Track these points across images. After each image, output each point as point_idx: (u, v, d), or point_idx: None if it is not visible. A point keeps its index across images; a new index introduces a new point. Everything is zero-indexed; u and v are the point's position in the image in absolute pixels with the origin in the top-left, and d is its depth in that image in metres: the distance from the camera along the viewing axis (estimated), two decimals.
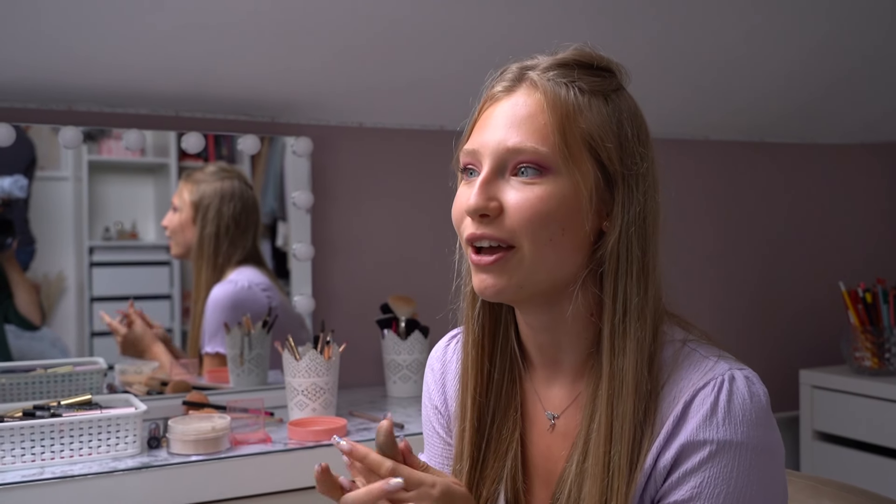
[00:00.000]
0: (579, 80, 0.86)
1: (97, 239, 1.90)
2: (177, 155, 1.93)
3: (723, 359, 0.86)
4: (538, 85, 0.86)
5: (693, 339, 0.88)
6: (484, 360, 0.95)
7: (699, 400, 0.82)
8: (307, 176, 1.99)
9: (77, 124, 1.79)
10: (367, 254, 2.13)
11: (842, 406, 2.33)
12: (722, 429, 0.80)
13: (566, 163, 0.84)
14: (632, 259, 0.85)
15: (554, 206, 0.83)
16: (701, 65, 2.09)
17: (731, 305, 2.48)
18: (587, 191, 0.84)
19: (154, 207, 1.97)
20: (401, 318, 2.00)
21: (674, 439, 0.82)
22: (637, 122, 0.88)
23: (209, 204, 1.93)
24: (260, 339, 1.92)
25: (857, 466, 2.28)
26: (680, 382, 0.84)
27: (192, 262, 1.95)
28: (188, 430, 1.46)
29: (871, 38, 2.10)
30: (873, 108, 2.51)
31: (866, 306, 2.34)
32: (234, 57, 1.76)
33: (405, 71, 1.92)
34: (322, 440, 1.56)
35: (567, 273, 0.86)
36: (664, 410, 0.84)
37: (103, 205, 1.91)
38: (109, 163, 1.91)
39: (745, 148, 2.60)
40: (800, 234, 2.69)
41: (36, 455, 1.39)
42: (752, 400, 0.82)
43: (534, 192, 0.83)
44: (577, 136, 0.84)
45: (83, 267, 1.88)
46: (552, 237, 0.84)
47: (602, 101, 0.86)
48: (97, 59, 1.69)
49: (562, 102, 0.85)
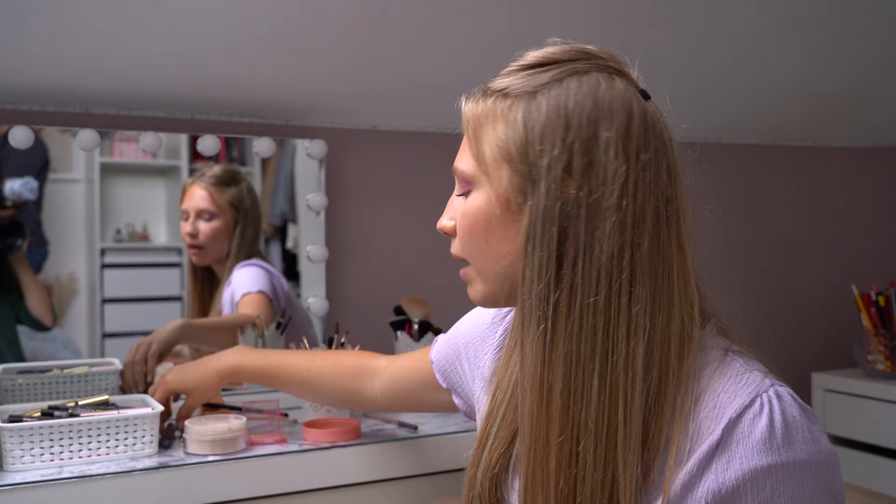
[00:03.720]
0: (511, 85, 0.87)
1: (109, 241, 1.91)
2: (188, 157, 1.94)
3: (763, 372, 0.83)
4: (472, 103, 0.91)
5: (735, 347, 0.86)
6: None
7: (748, 419, 0.79)
8: (321, 178, 2.00)
9: (94, 127, 1.80)
10: (380, 256, 2.14)
11: (855, 409, 2.33)
12: (784, 451, 0.77)
13: (483, 175, 0.88)
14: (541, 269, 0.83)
15: (472, 220, 0.90)
16: (711, 68, 2.09)
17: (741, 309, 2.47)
18: (499, 197, 0.87)
19: (165, 209, 1.98)
20: (414, 319, 2.01)
21: (722, 460, 0.78)
22: (593, 119, 0.83)
23: (248, 207, 1.94)
24: (273, 339, 1.92)
25: (871, 470, 2.27)
26: (721, 395, 0.81)
27: (223, 265, 1.95)
28: (205, 430, 1.47)
29: (878, 43, 2.10)
30: (882, 112, 2.51)
31: (879, 309, 2.34)
32: (249, 60, 1.77)
33: (420, 73, 1.93)
34: (338, 441, 1.57)
35: (512, 280, 0.89)
36: (703, 422, 0.80)
37: (115, 207, 1.92)
38: (121, 165, 1.92)
39: (756, 151, 2.61)
40: (811, 238, 2.69)
41: (54, 454, 1.40)
42: (805, 416, 0.80)
43: (459, 210, 0.92)
44: (490, 145, 0.87)
45: (95, 268, 1.89)
46: (480, 249, 0.90)
47: (525, 100, 0.85)
48: (113, 61, 1.70)
49: (475, 118, 0.89)
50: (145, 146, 1.83)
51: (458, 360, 1.17)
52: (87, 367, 1.81)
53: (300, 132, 2.05)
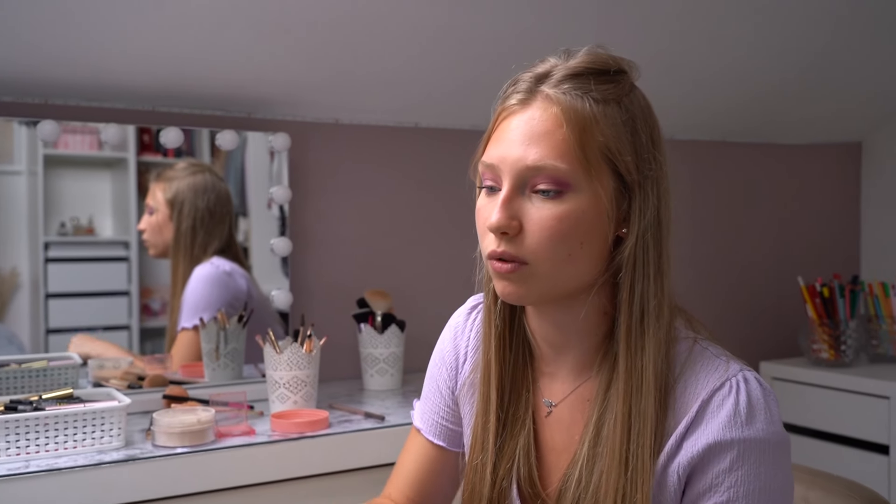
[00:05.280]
0: (594, 90, 0.87)
1: (53, 234, 1.87)
2: (135, 149, 1.91)
3: (732, 359, 0.90)
4: (553, 99, 0.86)
5: (701, 336, 0.92)
6: (506, 350, 0.98)
7: (718, 400, 0.86)
8: (282, 171, 2.00)
9: (54, 118, 1.78)
10: (342, 249, 2.15)
11: (800, 397, 2.42)
12: (746, 428, 0.84)
13: (586, 177, 0.85)
14: (648, 262, 0.87)
15: (573, 223, 0.85)
16: (659, 64, 2.14)
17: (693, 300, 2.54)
18: (607, 203, 0.86)
19: (111, 202, 1.94)
20: (377, 312, 2.03)
21: (692, 437, 0.85)
22: (650, 125, 0.90)
23: (184, 199, 1.93)
24: (236, 333, 1.92)
25: (815, 454, 2.36)
26: (696, 381, 0.88)
27: (170, 259, 1.95)
28: (174, 422, 1.47)
29: (823, 41, 2.18)
30: (826, 110, 2.60)
31: (823, 300, 2.43)
32: (212, 53, 1.76)
33: (381, 69, 1.95)
34: (305, 432, 1.58)
35: (585, 280, 0.89)
36: (679, 407, 0.87)
37: (59, 199, 1.87)
38: (66, 157, 1.87)
39: (707, 147, 2.68)
40: (759, 232, 2.78)
41: (21, 448, 1.39)
42: (766, 400, 0.86)
43: (552, 211, 0.85)
44: (595, 150, 0.85)
45: (38, 263, 1.84)
46: (571, 252, 0.86)
47: (616, 109, 0.87)
48: (74, 52, 1.68)
49: (578, 116, 0.85)
50: (107, 138, 1.81)
51: (443, 400, 1.09)
52: (46, 361, 1.79)
53: (262, 125, 2.05)
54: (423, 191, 2.24)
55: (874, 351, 2.47)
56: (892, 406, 2.18)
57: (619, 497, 0.85)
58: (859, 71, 2.37)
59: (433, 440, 1.08)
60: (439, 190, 2.23)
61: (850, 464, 2.26)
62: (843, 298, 2.42)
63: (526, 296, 0.89)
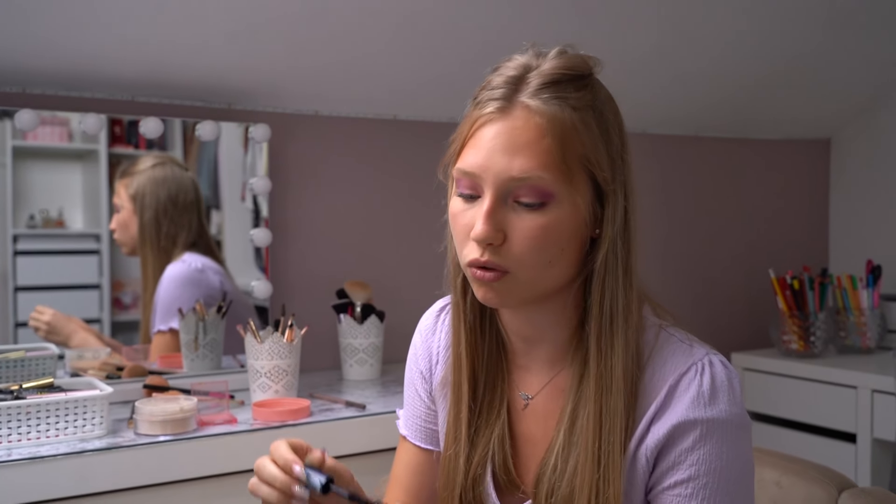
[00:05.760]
0: (572, 97, 0.87)
1: (21, 227, 1.85)
2: (106, 141, 1.89)
3: (696, 343, 0.93)
4: (535, 109, 0.86)
5: (667, 323, 0.95)
6: (477, 342, 0.99)
7: (685, 383, 0.88)
8: (258, 162, 2.00)
9: (32, 107, 1.77)
10: (321, 240, 2.16)
11: (771, 387, 2.47)
12: (709, 409, 0.87)
13: (567, 186, 0.86)
14: (618, 262, 0.89)
15: (555, 232, 0.87)
16: (644, 64, 2.18)
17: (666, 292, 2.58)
18: (584, 209, 0.88)
19: (82, 195, 1.92)
20: (357, 303, 2.04)
21: (660, 421, 0.88)
22: (619, 124, 0.92)
23: (145, 192, 1.92)
24: (215, 323, 1.93)
25: (785, 443, 2.41)
26: (664, 367, 0.90)
27: (137, 254, 1.94)
28: (156, 410, 1.47)
29: (797, 38, 2.23)
30: (798, 106, 2.65)
31: (794, 292, 2.48)
32: (192, 43, 1.77)
33: (361, 61, 1.96)
34: (287, 420, 1.60)
35: (563, 282, 0.91)
36: (648, 393, 0.90)
37: (28, 192, 1.85)
38: (35, 148, 1.85)
39: (681, 142, 2.72)
40: (732, 225, 2.83)
41: (2, 437, 1.39)
42: (730, 381, 0.89)
43: (537, 221, 0.86)
44: (576, 159, 0.87)
45: (6, 255, 1.82)
46: (552, 259, 0.88)
47: (592, 115, 0.88)
48: (53, 41, 1.67)
49: (560, 127, 0.86)
50: (87, 127, 1.80)
51: (423, 404, 1.09)
52: (24, 351, 1.79)
53: (243, 116, 2.05)
54: (403, 182, 2.25)
55: (842, 342, 2.53)
56: (859, 395, 2.24)
57: (594, 495, 0.87)
58: (829, 68, 2.42)
59: (419, 444, 1.09)
60: (418, 182, 2.25)
61: (819, 452, 2.31)
62: (812, 291, 2.47)
63: (507, 301, 0.90)
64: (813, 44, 2.25)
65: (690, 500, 0.87)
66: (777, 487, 1.30)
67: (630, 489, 0.90)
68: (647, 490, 0.91)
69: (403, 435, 1.12)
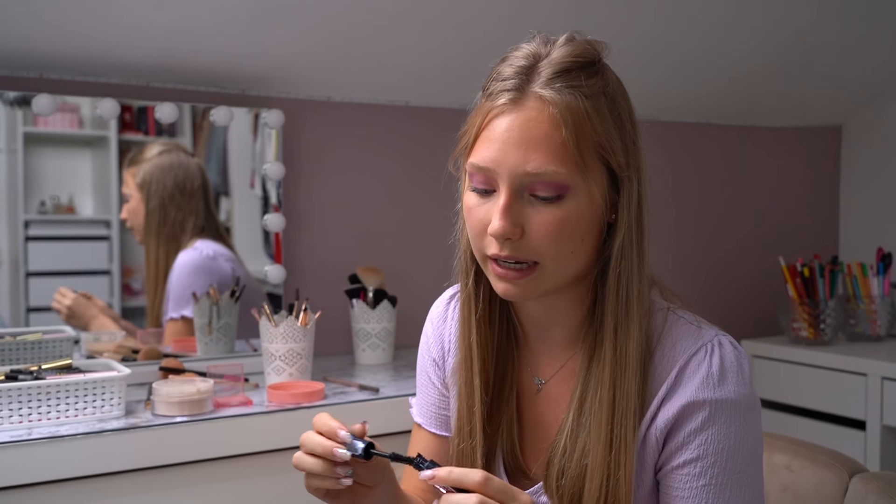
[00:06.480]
0: (584, 85, 0.86)
1: (33, 213, 1.86)
2: (117, 127, 1.91)
3: (705, 325, 0.94)
4: (548, 100, 0.85)
5: (675, 306, 0.95)
6: (488, 333, 0.99)
7: (694, 364, 0.89)
8: (270, 148, 2.01)
9: (49, 92, 1.78)
10: (334, 226, 2.18)
11: (781, 374, 2.48)
12: (718, 389, 0.88)
13: (583, 177, 0.86)
14: (633, 248, 0.90)
15: (574, 223, 0.87)
16: (655, 52, 2.18)
17: (676, 279, 2.60)
18: (600, 198, 0.88)
19: (92, 181, 1.94)
20: (369, 288, 2.06)
21: (670, 401, 0.89)
22: (629, 109, 0.92)
23: (151, 179, 1.93)
24: (228, 308, 1.95)
25: (794, 430, 2.42)
26: (673, 349, 0.91)
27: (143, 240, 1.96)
28: (173, 392, 1.49)
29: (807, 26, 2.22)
30: (809, 93, 2.65)
31: (804, 280, 2.48)
32: (206, 28, 1.77)
33: (373, 47, 1.96)
34: (302, 403, 1.61)
35: (583, 271, 0.92)
36: (658, 375, 0.91)
37: (39, 178, 1.87)
38: (46, 135, 1.86)
39: (691, 129, 2.72)
40: (742, 212, 2.83)
41: (23, 416, 1.41)
42: (739, 362, 0.90)
43: (554, 214, 0.86)
44: (590, 148, 0.87)
45: (18, 241, 1.84)
46: (573, 249, 0.88)
47: (604, 102, 0.88)
48: (69, 27, 1.68)
49: (575, 117, 0.85)
50: (102, 112, 1.82)
51: (437, 391, 1.10)
52: (41, 334, 1.81)
53: (256, 102, 2.06)
54: (415, 168, 2.26)
55: (852, 330, 2.53)
56: (868, 383, 2.25)
57: (605, 476, 0.88)
58: (841, 55, 2.41)
59: (434, 431, 1.10)
60: (430, 167, 2.26)
61: (829, 439, 2.31)
62: (822, 278, 2.47)
63: (529, 295, 0.90)
64: (824, 30, 2.25)
65: (699, 479, 0.88)
66: (788, 471, 1.31)
67: (640, 469, 0.91)
68: (657, 469, 0.92)
69: (418, 423, 1.12)
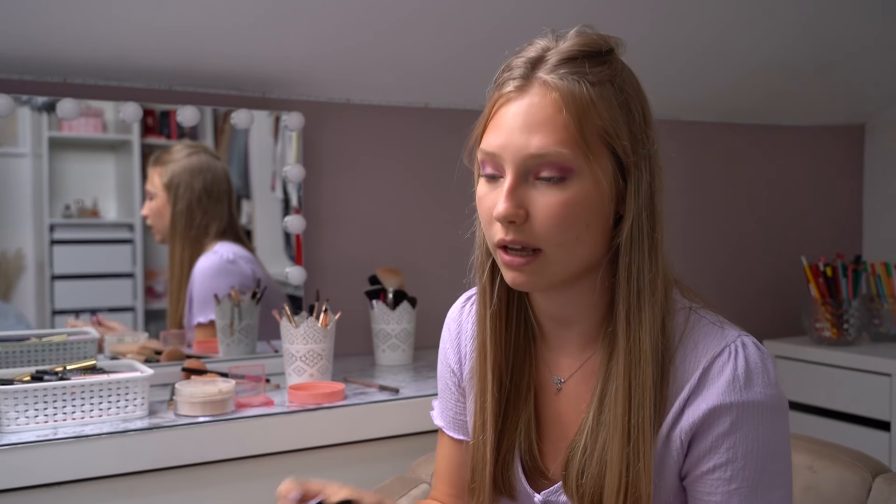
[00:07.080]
0: (589, 73, 0.87)
1: (58, 217, 1.89)
2: (140, 132, 1.92)
3: (727, 325, 0.93)
4: (551, 84, 0.87)
5: (697, 305, 0.95)
6: (503, 330, 0.99)
7: (718, 366, 0.88)
8: (291, 151, 2.03)
9: (73, 97, 1.81)
10: (354, 227, 2.19)
11: (803, 374, 2.46)
12: (745, 392, 0.87)
13: (587, 161, 0.86)
14: (643, 238, 0.89)
15: (578, 207, 0.87)
16: (675, 49, 2.17)
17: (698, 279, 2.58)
18: (606, 185, 0.88)
19: (115, 185, 1.96)
20: (389, 289, 2.07)
21: (694, 403, 0.88)
22: (642, 102, 0.92)
23: (179, 181, 1.95)
24: (250, 309, 1.96)
25: (818, 431, 2.40)
26: (695, 349, 0.90)
27: (167, 241, 1.97)
28: (196, 392, 1.51)
29: (832, 26, 2.20)
30: (831, 91, 2.63)
31: (826, 280, 2.46)
32: (227, 33, 1.79)
33: (393, 49, 1.97)
34: (322, 403, 1.62)
35: (592, 261, 0.91)
36: (681, 376, 0.90)
37: (64, 182, 1.89)
38: (70, 139, 1.89)
39: (712, 128, 2.71)
40: (764, 211, 2.81)
41: (48, 416, 1.43)
42: (763, 363, 0.89)
43: (558, 197, 0.86)
44: (594, 133, 0.87)
45: (43, 245, 1.86)
46: (578, 236, 0.88)
47: (611, 90, 0.88)
48: (93, 32, 1.71)
49: (577, 101, 0.86)
50: (125, 116, 1.84)
51: (455, 396, 1.10)
52: (66, 335, 1.83)
53: (276, 104, 2.07)
54: (433, 169, 2.27)
55: (876, 330, 2.51)
56: (893, 383, 2.22)
57: (624, 468, 0.88)
58: (864, 53, 2.39)
59: (455, 436, 1.10)
60: (449, 169, 2.25)
61: (853, 440, 2.29)
62: (845, 278, 2.45)
63: (538, 284, 0.91)
64: (847, 27, 2.23)
65: (730, 483, 0.87)
66: (810, 472, 1.30)
67: (663, 470, 0.91)
68: (683, 475, 0.91)
69: (440, 427, 1.13)
